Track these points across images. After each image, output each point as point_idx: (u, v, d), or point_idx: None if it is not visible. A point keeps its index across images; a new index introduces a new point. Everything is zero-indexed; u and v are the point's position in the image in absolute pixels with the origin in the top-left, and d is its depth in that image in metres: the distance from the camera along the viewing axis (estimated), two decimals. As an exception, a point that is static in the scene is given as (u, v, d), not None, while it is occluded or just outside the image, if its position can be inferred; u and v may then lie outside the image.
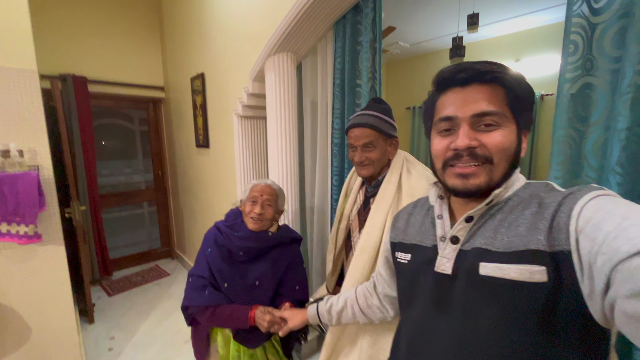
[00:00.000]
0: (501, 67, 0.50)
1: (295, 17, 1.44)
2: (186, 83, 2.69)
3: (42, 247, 1.50)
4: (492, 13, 2.87)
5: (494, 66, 0.50)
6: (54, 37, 2.59)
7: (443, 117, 0.53)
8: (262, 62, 1.71)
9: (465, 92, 0.51)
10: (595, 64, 0.87)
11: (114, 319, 2.43)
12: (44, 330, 1.54)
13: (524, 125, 0.53)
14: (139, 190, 3.43)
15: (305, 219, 1.99)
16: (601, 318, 0.41)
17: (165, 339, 2.18)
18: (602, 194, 0.45)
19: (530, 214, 0.49)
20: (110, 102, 3.10)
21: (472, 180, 0.51)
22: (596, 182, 0.91)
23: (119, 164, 3.35)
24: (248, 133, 2.03)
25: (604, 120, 0.87)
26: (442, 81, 0.54)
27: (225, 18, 2.04)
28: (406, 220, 0.70)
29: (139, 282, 3.03)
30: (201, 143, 2.60)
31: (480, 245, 0.51)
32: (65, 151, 2.20)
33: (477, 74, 0.50)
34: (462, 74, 0.51)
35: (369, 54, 1.44)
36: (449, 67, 0.53)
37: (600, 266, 0.38)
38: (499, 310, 0.47)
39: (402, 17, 3.15)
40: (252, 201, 1.06)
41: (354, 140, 1.00)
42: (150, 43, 3.14)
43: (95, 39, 2.80)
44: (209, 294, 1.00)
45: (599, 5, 0.86)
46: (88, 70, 2.76)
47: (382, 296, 0.80)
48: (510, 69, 0.51)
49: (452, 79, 0.52)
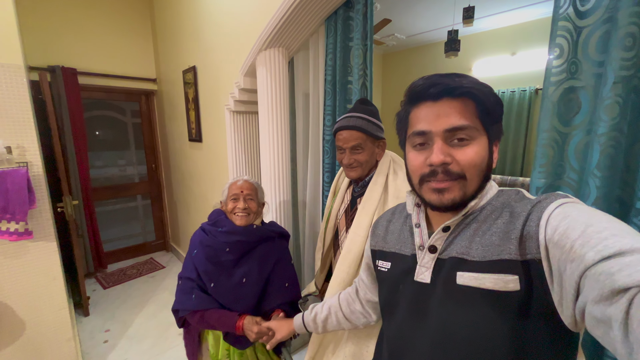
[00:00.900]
0: (471, 82, 0.51)
1: (287, 11, 1.42)
2: (178, 75, 2.65)
3: (34, 244, 1.51)
4: (488, 6, 2.85)
5: (464, 80, 0.51)
6: (43, 28, 2.53)
7: (417, 131, 0.54)
8: (253, 57, 1.69)
9: (437, 106, 0.52)
10: (580, 67, 0.88)
11: (109, 312, 2.46)
12: (37, 324, 1.56)
13: (494, 136, 0.54)
14: (132, 183, 3.42)
15: (297, 214, 2.00)
16: (571, 323, 0.43)
17: (159, 331, 2.22)
18: (566, 201, 0.47)
19: (503, 222, 0.51)
20: (101, 94, 3.06)
21: (447, 195, 0.52)
22: (577, 184, 0.93)
23: (112, 155, 3.32)
24: (240, 128, 2.02)
25: (586, 124, 0.89)
26: (414, 95, 0.55)
27: (217, 11, 2.00)
28: (385, 227, 0.71)
29: (134, 275, 3.06)
30: (194, 137, 2.59)
31: (457, 254, 0.53)
32: (56, 144, 2.18)
33: (448, 88, 0.50)
34: (433, 89, 0.51)
35: (360, 50, 1.43)
36: (420, 80, 0.54)
37: (569, 274, 0.39)
38: (474, 317, 0.50)
39: (398, 9, 3.11)
40: (234, 198, 1.06)
41: (342, 142, 1.00)
42: (142, 34, 3.08)
43: (86, 30, 2.74)
44: (196, 297, 1.01)
45: (585, 8, 0.86)
46: (78, 61, 2.71)
47: (364, 301, 0.81)
48: (480, 82, 0.52)
49: (424, 93, 0.53)
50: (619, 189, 0.86)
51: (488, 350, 0.49)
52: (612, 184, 0.83)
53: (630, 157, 0.84)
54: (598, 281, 0.35)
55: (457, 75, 0.51)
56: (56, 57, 2.60)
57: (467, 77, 0.51)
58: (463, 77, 0.51)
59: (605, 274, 0.35)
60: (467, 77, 0.52)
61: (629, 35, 0.76)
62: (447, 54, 2.87)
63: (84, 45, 2.75)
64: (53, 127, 2.18)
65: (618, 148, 0.82)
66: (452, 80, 0.50)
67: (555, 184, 0.96)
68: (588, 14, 0.85)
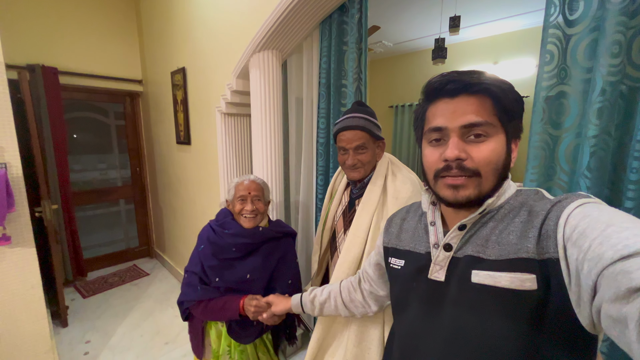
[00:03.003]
0: (489, 78, 0.51)
1: (282, 14, 1.42)
2: (166, 77, 2.60)
3: (11, 250, 1.42)
4: (473, 16, 2.95)
5: (482, 77, 0.51)
6: (22, 25, 2.42)
7: (433, 127, 0.54)
8: (246, 59, 1.68)
9: (454, 102, 0.52)
10: (569, 73, 0.92)
11: (89, 322, 2.34)
12: (14, 336, 1.46)
13: (513, 134, 0.54)
14: (114, 187, 3.30)
15: (290, 217, 1.98)
16: (589, 324, 0.42)
17: (144, 340, 2.13)
18: (587, 201, 0.46)
19: (521, 222, 0.50)
20: (83, 95, 2.95)
21: (461, 192, 0.52)
22: (568, 185, 0.96)
23: (92, 159, 3.19)
24: (231, 130, 1.99)
25: (576, 127, 0.93)
26: (431, 91, 0.54)
27: (208, 12, 1.98)
28: (399, 225, 0.71)
29: (116, 283, 2.93)
30: (182, 139, 2.53)
31: (472, 253, 0.52)
32: (35, 146, 2.08)
33: (466, 85, 0.50)
34: (451, 85, 0.51)
35: (355, 54, 1.44)
36: (438, 77, 0.53)
37: (587, 273, 0.39)
38: (489, 316, 0.49)
39: (386, 17, 3.17)
40: (241, 200, 1.07)
41: (346, 143, 0.99)
42: (127, 35, 3.00)
43: (67, 28, 2.65)
44: (201, 289, 1.03)
45: (573, 17, 0.90)
46: (59, 60, 2.60)
47: (366, 293, 0.82)
48: (499, 79, 0.52)
49: (441, 89, 0.52)
50: (607, 189, 0.90)
51: (501, 351, 0.47)
52: (601, 184, 0.87)
53: (617, 159, 0.88)
54: (615, 280, 0.35)
55: (474, 72, 0.51)
56: (36, 55, 2.49)
57: (485, 74, 0.51)
58: (481, 74, 0.51)
59: (623, 272, 0.34)
60: (485, 73, 0.51)
61: (615, 43, 0.81)
62: (434, 61, 2.94)
63: (66, 44, 2.65)
64: (32, 127, 2.08)
65: (607, 150, 0.85)
66: (469, 77, 0.50)
67: (546, 185, 1.00)
68: (576, 22, 0.89)
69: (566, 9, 0.91)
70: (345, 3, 1.46)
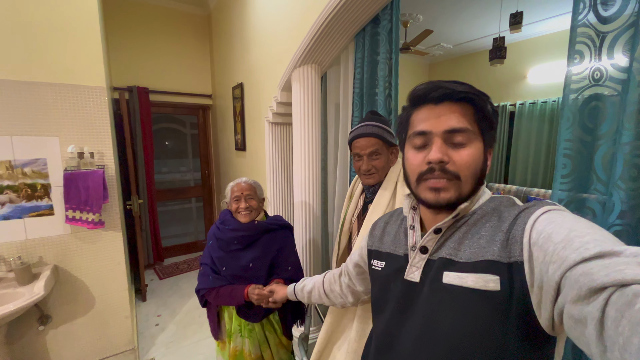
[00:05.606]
0: (472, 88, 0.54)
1: (319, 30, 1.54)
2: (229, 91, 2.96)
3: (105, 232, 1.82)
4: (537, 11, 2.68)
5: (465, 87, 0.54)
6: (124, 55, 3.04)
7: (418, 131, 0.57)
8: (288, 74, 1.85)
9: (438, 109, 0.55)
10: (605, 74, 0.84)
11: (162, 299, 2.78)
12: (105, 300, 1.87)
13: (489, 143, 0.57)
14: (188, 187, 3.84)
15: (327, 219, 2.09)
16: (548, 326, 0.44)
17: (202, 319, 2.45)
18: (553, 208, 0.48)
19: (491, 226, 0.53)
20: (167, 109, 3.53)
21: (442, 195, 0.54)
22: (605, 197, 0.86)
23: (175, 163, 3.79)
24: (277, 138, 2.19)
25: (613, 133, 0.84)
26: (417, 97, 0.58)
27: (259, 32, 2.23)
28: (382, 228, 0.74)
29: (185, 269, 3.40)
30: (239, 146, 2.85)
31: (446, 255, 0.55)
32: (128, 152, 2.59)
33: (450, 92, 0.54)
34: (435, 93, 0.55)
35: (386, 64, 1.49)
36: (424, 85, 0.57)
37: (551, 274, 0.41)
38: (456, 314, 0.52)
39: (443, 19, 3.09)
40: (236, 200, 1.24)
41: (360, 149, 1.05)
42: (201, 55, 3.50)
43: (156, 54, 3.22)
44: (212, 278, 1.21)
45: (608, 13, 0.83)
46: (150, 81, 3.18)
47: (344, 285, 0.88)
48: (478, 89, 0.55)
49: (425, 96, 0.56)
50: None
51: (467, 347, 0.50)
52: (637, 195, 0.77)
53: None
54: (578, 281, 0.37)
55: (457, 82, 0.55)
56: (133, 78, 3.10)
57: (467, 85, 0.55)
58: (464, 84, 0.55)
59: (585, 274, 0.36)
60: (467, 84, 0.55)
61: (653, 40, 0.72)
62: (491, 62, 2.75)
63: (154, 67, 3.22)
64: (127, 137, 2.60)
65: (643, 158, 0.76)
66: (453, 85, 0.54)
67: (580, 197, 0.91)
68: (611, 18, 0.82)
69: (599, 5, 0.83)
70: (378, 15, 1.51)
